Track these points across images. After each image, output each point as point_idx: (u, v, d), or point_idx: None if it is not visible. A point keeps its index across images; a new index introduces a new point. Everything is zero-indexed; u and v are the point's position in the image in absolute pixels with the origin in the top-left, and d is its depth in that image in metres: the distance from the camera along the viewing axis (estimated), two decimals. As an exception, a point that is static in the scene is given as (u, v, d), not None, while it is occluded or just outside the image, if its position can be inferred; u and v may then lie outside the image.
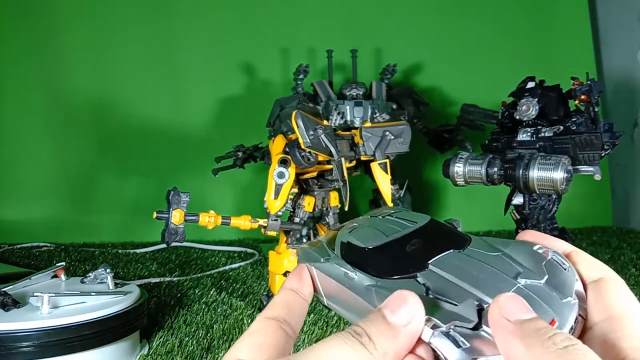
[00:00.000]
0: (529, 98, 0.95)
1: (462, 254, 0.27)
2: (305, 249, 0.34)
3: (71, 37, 1.61)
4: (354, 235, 0.30)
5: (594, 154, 0.87)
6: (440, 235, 0.30)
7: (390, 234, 0.29)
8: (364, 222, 0.32)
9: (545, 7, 1.75)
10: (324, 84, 1.21)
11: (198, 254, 1.42)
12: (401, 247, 0.29)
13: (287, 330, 0.27)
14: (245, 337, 0.27)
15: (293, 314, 0.28)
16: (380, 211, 0.34)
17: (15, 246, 1.47)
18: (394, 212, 0.33)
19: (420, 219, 0.31)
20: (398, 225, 0.30)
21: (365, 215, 0.35)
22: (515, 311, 0.22)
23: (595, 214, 1.76)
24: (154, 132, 1.64)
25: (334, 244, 0.32)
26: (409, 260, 0.28)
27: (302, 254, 0.34)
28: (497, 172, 0.94)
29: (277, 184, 0.97)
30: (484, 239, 0.29)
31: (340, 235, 0.31)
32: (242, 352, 0.26)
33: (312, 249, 0.33)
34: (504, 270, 0.26)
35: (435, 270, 0.27)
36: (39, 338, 0.65)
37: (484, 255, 0.27)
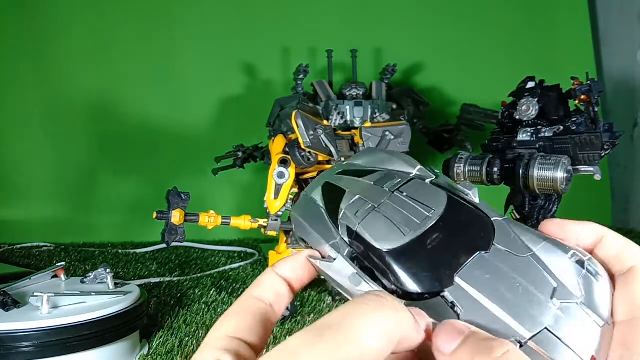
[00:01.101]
0: (529, 98, 0.95)
1: (489, 259, 0.24)
2: (302, 224, 0.29)
3: (71, 37, 1.61)
4: (364, 226, 0.26)
5: (594, 154, 0.87)
6: (462, 225, 0.25)
7: (408, 229, 0.25)
8: (366, 195, 0.28)
9: (545, 7, 1.75)
10: (324, 84, 1.21)
11: (198, 254, 1.42)
12: (422, 248, 0.25)
13: (272, 318, 0.26)
14: (231, 315, 0.25)
15: (280, 304, 0.26)
16: (378, 176, 0.29)
17: (15, 246, 1.47)
18: (398, 182, 0.28)
19: (435, 199, 0.27)
20: (413, 212, 0.26)
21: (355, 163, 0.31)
22: (447, 340, 0.21)
23: (595, 214, 1.75)
24: (154, 132, 1.64)
25: (336, 216, 0.28)
26: (432, 268, 0.24)
27: (299, 225, 0.30)
28: (497, 172, 0.94)
29: (277, 184, 0.97)
30: (509, 226, 0.25)
31: (345, 215, 0.27)
32: (231, 330, 0.24)
33: (311, 221, 0.29)
34: (538, 285, 0.23)
35: (463, 285, 0.23)
36: (39, 338, 0.65)
37: (512, 259, 0.24)
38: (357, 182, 0.29)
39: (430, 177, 0.29)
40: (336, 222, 0.28)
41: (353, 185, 0.29)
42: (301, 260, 0.28)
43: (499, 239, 0.25)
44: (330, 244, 0.27)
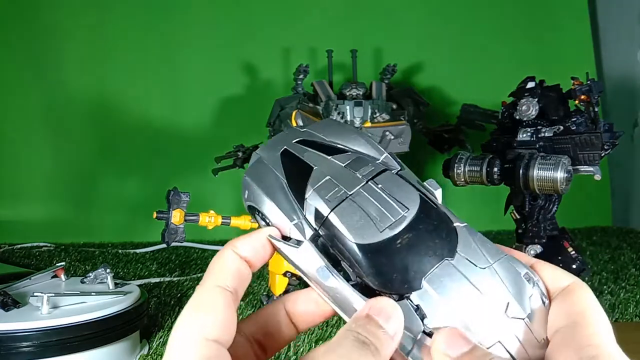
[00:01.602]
0: (529, 98, 0.95)
1: (453, 267, 0.24)
2: (257, 192, 0.28)
3: (71, 37, 1.61)
4: (337, 213, 0.25)
5: (594, 154, 0.87)
6: (431, 229, 0.25)
7: (384, 225, 0.25)
8: (338, 178, 0.27)
9: (545, 8, 1.75)
10: (324, 84, 1.21)
11: (198, 254, 1.42)
12: (395, 248, 0.24)
13: (235, 305, 0.25)
14: (199, 312, 0.24)
15: (241, 287, 0.25)
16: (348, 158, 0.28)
17: (15, 246, 1.47)
18: (371, 170, 0.27)
19: (409, 197, 0.26)
20: (388, 209, 0.25)
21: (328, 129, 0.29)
22: (453, 346, 0.22)
23: (595, 214, 1.75)
24: (154, 132, 1.64)
25: (302, 195, 0.26)
26: (403, 270, 0.24)
27: (253, 192, 0.28)
28: (497, 172, 0.94)
29: (277, 184, 0.97)
30: (470, 235, 0.25)
31: (314, 196, 0.26)
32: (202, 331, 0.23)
33: (270, 191, 0.27)
34: (494, 299, 0.24)
35: (429, 290, 0.24)
36: (39, 338, 0.65)
37: (473, 269, 0.24)
38: (325, 161, 0.28)
39: (396, 167, 0.28)
40: (300, 201, 0.26)
41: (321, 163, 0.28)
42: (262, 239, 0.26)
43: (461, 247, 0.25)
44: (294, 224, 0.26)
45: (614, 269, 1.18)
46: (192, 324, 0.23)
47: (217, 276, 0.25)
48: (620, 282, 1.08)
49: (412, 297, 0.24)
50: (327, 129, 0.30)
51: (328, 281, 0.25)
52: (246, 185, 0.29)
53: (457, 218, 0.26)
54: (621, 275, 1.13)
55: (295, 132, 0.30)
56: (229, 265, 0.25)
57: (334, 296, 0.25)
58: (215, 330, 0.23)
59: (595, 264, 1.22)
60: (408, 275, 0.24)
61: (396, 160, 0.28)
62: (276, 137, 0.30)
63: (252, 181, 0.28)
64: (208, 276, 0.25)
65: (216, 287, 0.24)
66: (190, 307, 0.24)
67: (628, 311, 0.93)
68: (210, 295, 0.24)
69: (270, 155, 0.29)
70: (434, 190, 0.27)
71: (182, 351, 0.22)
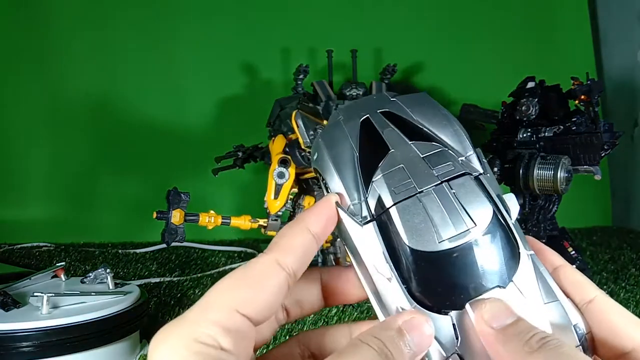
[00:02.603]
0: (529, 98, 0.95)
1: (502, 297, 0.23)
2: (325, 158, 0.26)
3: (71, 37, 1.61)
4: (399, 209, 0.24)
5: (594, 154, 0.87)
6: (493, 252, 0.23)
7: (444, 237, 0.23)
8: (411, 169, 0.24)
9: (545, 8, 1.75)
10: (324, 84, 1.21)
11: (198, 254, 1.42)
12: (449, 262, 0.23)
13: (288, 287, 0.23)
14: (247, 284, 0.22)
15: (302, 267, 0.23)
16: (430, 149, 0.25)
17: (15, 246, 1.47)
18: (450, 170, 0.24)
19: (481, 211, 0.24)
20: (455, 219, 0.23)
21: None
22: (498, 317, 0.22)
23: (595, 214, 1.76)
24: (154, 132, 1.64)
25: (369, 175, 0.25)
26: (449, 288, 0.23)
27: (322, 157, 0.26)
28: (497, 172, 0.94)
29: (277, 184, 0.97)
30: (533, 266, 0.24)
31: (381, 183, 0.24)
32: (239, 303, 0.21)
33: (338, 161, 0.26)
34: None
35: (470, 315, 0.22)
36: (39, 338, 0.65)
37: (523, 304, 0.23)
38: (404, 145, 0.25)
39: (479, 171, 0.25)
40: (367, 181, 0.25)
41: (399, 145, 0.25)
42: (333, 210, 0.25)
43: (518, 277, 0.23)
44: (353, 204, 0.25)
45: (614, 269, 1.18)
46: (231, 292, 0.22)
47: (281, 252, 0.23)
48: (620, 282, 1.08)
49: (451, 315, 0.23)
50: (418, 106, 0.27)
51: (382, 269, 0.23)
52: (317, 147, 0.27)
53: (526, 243, 0.24)
54: (621, 275, 1.13)
55: (384, 100, 0.28)
56: (297, 243, 0.23)
57: (380, 286, 0.24)
58: (252, 307, 0.21)
59: (595, 264, 1.22)
60: (453, 293, 0.23)
61: (481, 160, 0.26)
62: (363, 100, 0.28)
63: (324, 145, 0.27)
64: (272, 248, 0.23)
65: (276, 264, 0.22)
66: (240, 274, 0.22)
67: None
68: (266, 270, 0.22)
69: (350, 120, 0.27)
70: (511, 208, 0.25)
71: (205, 312, 0.21)
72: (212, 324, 0.20)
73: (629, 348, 0.22)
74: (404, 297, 0.23)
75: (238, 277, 0.22)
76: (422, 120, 0.27)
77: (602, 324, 0.23)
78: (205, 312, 0.21)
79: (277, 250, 0.23)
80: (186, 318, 0.21)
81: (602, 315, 0.23)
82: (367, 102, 0.28)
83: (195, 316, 0.21)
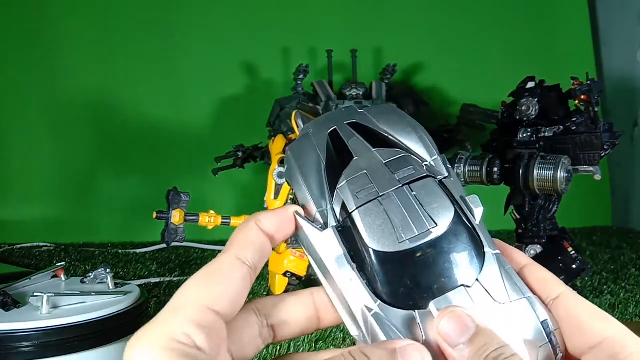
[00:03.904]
0: (529, 98, 0.95)
1: (467, 295, 0.23)
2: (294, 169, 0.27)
3: (71, 37, 1.61)
4: (361, 213, 0.24)
5: (594, 154, 0.87)
6: (456, 251, 0.24)
7: (404, 237, 0.24)
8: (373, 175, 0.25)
9: (545, 7, 1.75)
10: (324, 84, 1.21)
11: (198, 254, 1.42)
12: (410, 262, 0.23)
13: (251, 282, 0.24)
14: (211, 279, 0.22)
15: (261, 262, 0.24)
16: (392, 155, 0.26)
17: (15, 246, 1.47)
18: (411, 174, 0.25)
19: (442, 212, 0.24)
20: (415, 220, 0.24)
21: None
22: (454, 333, 0.22)
23: (595, 214, 1.75)
24: (154, 132, 1.64)
25: (335, 182, 0.26)
26: (412, 287, 0.23)
27: (291, 168, 0.27)
28: (497, 172, 0.94)
29: (277, 184, 0.97)
30: (498, 264, 0.24)
31: (345, 189, 0.25)
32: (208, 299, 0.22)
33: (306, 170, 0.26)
34: (502, 337, 0.22)
35: (434, 313, 0.23)
36: (38, 338, 0.65)
37: (488, 303, 0.23)
38: (368, 152, 0.26)
39: (443, 174, 0.26)
40: (332, 188, 0.26)
41: (362, 152, 0.26)
42: (288, 215, 0.26)
43: (484, 276, 0.24)
44: (319, 211, 0.25)
45: (614, 269, 1.18)
46: (199, 290, 0.22)
47: (239, 248, 0.24)
48: (620, 282, 1.08)
49: (415, 315, 0.23)
50: (383, 115, 0.28)
51: (343, 270, 0.24)
52: (287, 159, 0.28)
53: (491, 243, 0.25)
54: (621, 275, 1.13)
55: (352, 112, 0.29)
56: (252, 238, 0.24)
57: (344, 289, 0.24)
58: (221, 303, 0.22)
59: (595, 264, 1.22)
60: (417, 292, 0.23)
61: (446, 165, 0.27)
62: (332, 113, 0.29)
63: (292, 156, 0.28)
64: (229, 247, 0.24)
65: (236, 259, 0.23)
66: (204, 273, 0.23)
67: (628, 311, 0.93)
68: (228, 266, 0.23)
69: (319, 132, 0.28)
70: (474, 208, 0.25)
71: (178, 312, 0.21)
72: (186, 322, 0.21)
73: (597, 341, 0.22)
74: (368, 296, 0.23)
75: (203, 276, 0.23)
76: (387, 128, 0.28)
77: (569, 319, 0.23)
78: (178, 311, 0.21)
79: (234, 247, 0.24)
80: (159, 319, 0.21)
81: (568, 311, 0.23)
82: (336, 114, 0.29)
83: (169, 316, 0.21)
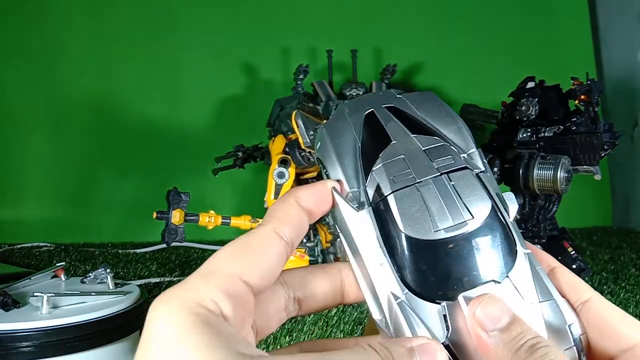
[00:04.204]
0: (529, 98, 0.95)
1: (497, 291, 0.23)
2: (328, 147, 0.26)
3: (71, 37, 1.62)
4: (397, 197, 0.24)
5: (594, 154, 0.87)
6: (490, 245, 0.23)
7: (440, 226, 0.23)
8: (411, 160, 0.25)
9: (545, 7, 1.75)
10: (324, 84, 1.21)
11: (198, 254, 1.42)
12: (443, 252, 0.23)
13: (286, 258, 0.23)
14: (247, 250, 0.22)
15: (298, 239, 0.24)
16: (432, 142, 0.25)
17: (15, 246, 1.47)
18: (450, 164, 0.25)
19: (479, 204, 0.24)
20: (452, 210, 0.23)
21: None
22: (491, 319, 0.21)
23: (595, 214, 1.76)
24: (154, 132, 1.64)
25: (370, 164, 0.25)
26: (442, 277, 0.23)
27: (324, 147, 0.27)
28: (497, 172, 0.94)
29: (277, 184, 0.97)
30: (530, 264, 0.24)
31: (381, 171, 0.25)
32: (240, 269, 0.21)
33: (340, 150, 0.26)
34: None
35: (463, 306, 0.22)
36: (38, 338, 0.65)
37: (518, 301, 0.23)
38: (406, 137, 0.26)
39: (480, 168, 0.26)
40: (367, 170, 0.25)
41: (400, 137, 0.26)
42: (326, 191, 0.25)
43: (514, 274, 0.23)
44: (352, 191, 0.25)
45: (614, 269, 1.18)
46: (234, 259, 0.22)
47: (278, 223, 0.23)
48: (620, 282, 1.08)
49: (442, 306, 0.22)
50: (422, 103, 0.28)
51: (375, 253, 0.24)
52: (321, 137, 0.28)
53: (523, 242, 0.24)
54: (621, 275, 1.13)
55: (390, 96, 0.28)
56: (292, 213, 0.24)
57: (372, 272, 0.24)
58: (254, 275, 0.22)
59: (595, 264, 1.22)
60: (446, 283, 0.23)
61: (482, 159, 0.26)
62: (369, 95, 0.29)
63: (327, 135, 0.27)
64: (268, 220, 0.24)
65: (275, 233, 0.23)
66: (241, 243, 0.22)
67: (628, 311, 0.92)
68: (266, 239, 0.23)
69: (355, 113, 0.27)
70: (510, 205, 0.25)
71: (209, 277, 0.21)
72: (215, 289, 0.20)
73: (629, 345, 0.22)
74: (396, 283, 0.23)
75: (239, 246, 0.22)
76: (426, 116, 0.27)
77: (598, 323, 0.23)
78: (209, 277, 0.21)
79: (273, 221, 0.23)
80: (190, 281, 0.21)
81: (598, 315, 0.23)
82: (373, 97, 0.28)
83: (198, 280, 0.21)
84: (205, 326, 0.19)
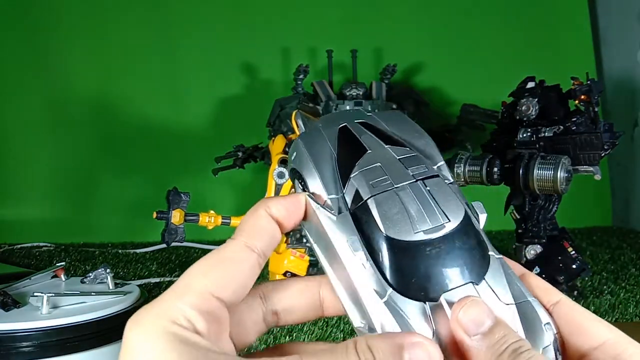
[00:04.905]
0: (529, 98, 0.95)
1: (476, 294, 0.23)
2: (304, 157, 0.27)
3: (71, 36, 1.61)
4: (376, 201, 0.24)
5: (594, 154, 0.87)
6: (466, 247, 0.24)
7: (419, 228, 0.24)
8: (388, 168, 0.26)
9: (545, 7, 1.75)
10: (324, 84, 1.21)
11: (198, 254, 1.42)
12: (423, 254, 0.24)
13: (259, 269, 0.24)
14: (217, 265, 0.22)
15: (269, 249, 0.24)
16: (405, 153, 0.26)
17: (15, 246, 1.47)
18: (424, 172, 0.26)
19: (454, 208, 0.25)
20: (429, 213, 0.24)
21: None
22: (475, 322, 0.22)
23: (595, 214, 1.75)
24: (154, 132, 1.64)
25: (347, 172, 0.26)
26: (424, 278, 0.23)
27: (300, 157, 0.27)
28: (497, 172, 0.94)
29: (277, 184, 0.97)
30: (502, 268, 0.25)
31: (358, 177, 0.25)
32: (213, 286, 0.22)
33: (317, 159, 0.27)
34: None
35: (445, 307, 0.23)
36: (38, 338, 0.65)
37: (495, 303, 0.23)
38: (381, 148, 0.27)
39: (450, 180, 0.27)
40: (344, 179, 0.26)
41: (376, 148, 0.27)
42: (298, 201, 0.25)
43: (489, 276, 0.24)
44: (330, 198, 0.25)
45: (614, 269, 1.18)
46: (205, 276, 0.22)
47: (248, 236, 0.24)
48: (620, 282, 1.08)
49: (426, 307, 0.23)
50: (392, 120, 0.29)
51: (357, 255, 0.24)
52: (296, 148, 0.28)
53: (493, 248, 0.25)
54: (621, 275, 1.13)
55: (360, 113, 0.29)
56: (262, 225, 0.24)
57: (355, 275, 0.24)
58: (226, 291, 0.22)
59: (595, 264, 1.22)
60: (428, 284, 0.23)
61: (449, 173, 0.28)
62: (340, 112, 0.30)
63: (303, 145, 0.28)
64: (238, 233, 0.24)
65: (245, 247, 0.23)
66: (212, 259, 0.23)
67: (628, 311, 0.93)
68: (237, 253, 0.23)
69: (328, 127, 0.28)
70: (479, 213, 0.26)
71: (181, 295, 0.21)
72: (188, 307, 0.21)
73: (598, 343, 0.23)
74: (380, 282, 0.23)
75: (210, 261, 0.23)
76: (396, 131, 0.28)
77: (571, 322, 0.24)
78: (181, 295, 0.21)
79: (243, 235, 0.24)
80: (162, 300, 0.21)
81: (569, 316, 0.24)
82: (345, 114, 0.29)
83: (171, 299, 0.21)
84: (180, 344, 0.19)
